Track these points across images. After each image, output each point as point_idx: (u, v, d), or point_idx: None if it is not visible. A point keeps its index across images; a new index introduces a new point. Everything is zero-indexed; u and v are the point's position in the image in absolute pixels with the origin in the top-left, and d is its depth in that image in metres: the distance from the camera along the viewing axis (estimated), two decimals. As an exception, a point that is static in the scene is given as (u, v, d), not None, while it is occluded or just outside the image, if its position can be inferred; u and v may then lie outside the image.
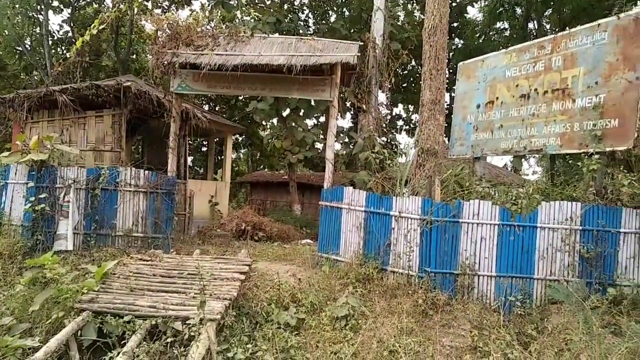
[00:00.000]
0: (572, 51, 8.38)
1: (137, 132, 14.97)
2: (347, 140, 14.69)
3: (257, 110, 15.96)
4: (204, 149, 24.02)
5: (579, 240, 7.04)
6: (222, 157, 17.75)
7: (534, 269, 7.07)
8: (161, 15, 11.42)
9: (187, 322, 5.86)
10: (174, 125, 10.44)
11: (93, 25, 12.03)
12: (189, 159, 24.15)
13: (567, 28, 8.62)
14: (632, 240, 6.97)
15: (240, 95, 19.95)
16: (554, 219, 7.15)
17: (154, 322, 6.03)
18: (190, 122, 12.41)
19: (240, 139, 25.69)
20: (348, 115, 20.44)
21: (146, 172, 9.32)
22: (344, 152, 13.42)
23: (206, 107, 22.32)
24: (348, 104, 16.30)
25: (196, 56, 10.00)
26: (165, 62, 9.89)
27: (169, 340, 5.74)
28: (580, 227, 7.07)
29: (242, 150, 29.97)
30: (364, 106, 11.32)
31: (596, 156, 7.44)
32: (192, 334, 5.68)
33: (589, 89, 7.93)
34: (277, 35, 14.07)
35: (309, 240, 11.49)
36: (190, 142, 22.14)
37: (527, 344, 5.94)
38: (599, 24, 8.01)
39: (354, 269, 7.54)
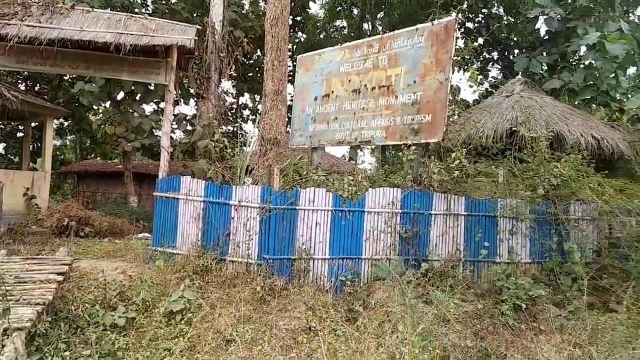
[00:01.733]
0: (396, 51, 9.21)
1: None
2: (189, 127, 14.05)
3: (85, 92, 14.26)
4: (20, 134, 20.65)
5: (399, 222, 7.84)
6: (42, 144, 15.45)
7: (362, 250, 7.68)
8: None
9: (-13, 334, 4.96)
10: (-29, 105, 8.74)
11: None
12: (-2, 145, 20.60)
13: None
14: (441, 221, 8.02)
15: (65, 75, 17.61)
16: (379, 204, 7.84)
17: (-61, 340, 4.97)
18: (-6, 103, 10.48)
19: (66, 124, 22.72)
20: (192, 102, 19.61)
21: None
22: (186, 140, 12.83)
23: (22, 87, 19.18)
24: (192, 90, 15.60)
25: (1, 26, 8.50)
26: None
27: (-39, 358, 4.80)
28: (400, 211, 7.87)
29: (69, 137, 26.56)
30: (203, 93, 10.95)
31: (413, 147, 8.35)
32: (-6, 347, 4.84)
33: (408, 87, 8.81)
34: (108, 10, 12.70)
35: (146, 234, 10.72)
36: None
37: (354, 320, 6.43)
38: (417, 29, 8.92)
39: (192, 261, 7.26)
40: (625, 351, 5.40)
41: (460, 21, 19.22)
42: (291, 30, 21.62)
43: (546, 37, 17.38)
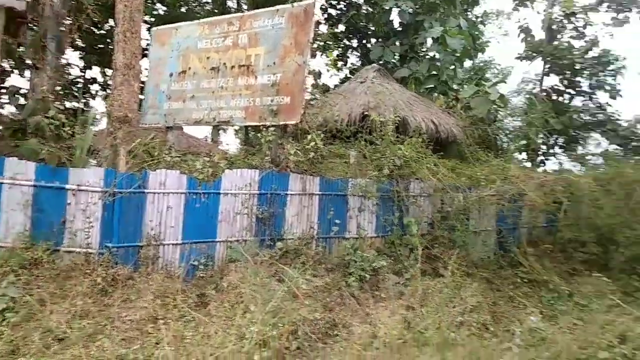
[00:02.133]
0: (256, 31, 9.10)
1: None
2: (23, 102, 12.16)
3: None
4: None
5: (256, 203, 7.83)
6: None
7: (217, 232, 7.52)
8: None
9: None
10: None
11: None
12: None
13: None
14: (297, 201, 8.21)
15: None
16: (236, 186, 7.73)
17: None
18: None
19: None
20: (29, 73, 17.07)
21: None
22: (18, 116, 11.06)
23: None
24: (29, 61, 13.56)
25: None
26: None
27: None
28: (258, 192, 7.86)
29: None
30: (38, 63, 9.60)
31: (272, 129, 8.39)
32: None
33: (268, 68, 8.79)
34: None
35: (-36, 226, 9.13)
36: None
37: (206, 304, 6.30)
38: (277, 9, 8.90)
39: (18, 254, 6.35)
40: (447, 309, 6.17)
41: (323, 7, 19.77)
42: (149, 2, 20.06)
43: (399, 29, 18.67)
